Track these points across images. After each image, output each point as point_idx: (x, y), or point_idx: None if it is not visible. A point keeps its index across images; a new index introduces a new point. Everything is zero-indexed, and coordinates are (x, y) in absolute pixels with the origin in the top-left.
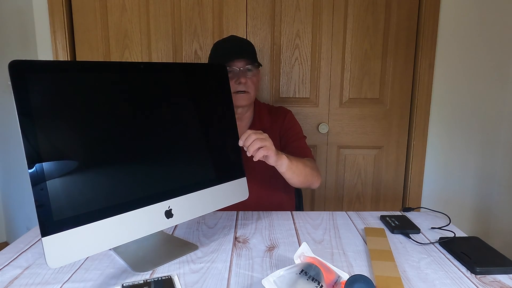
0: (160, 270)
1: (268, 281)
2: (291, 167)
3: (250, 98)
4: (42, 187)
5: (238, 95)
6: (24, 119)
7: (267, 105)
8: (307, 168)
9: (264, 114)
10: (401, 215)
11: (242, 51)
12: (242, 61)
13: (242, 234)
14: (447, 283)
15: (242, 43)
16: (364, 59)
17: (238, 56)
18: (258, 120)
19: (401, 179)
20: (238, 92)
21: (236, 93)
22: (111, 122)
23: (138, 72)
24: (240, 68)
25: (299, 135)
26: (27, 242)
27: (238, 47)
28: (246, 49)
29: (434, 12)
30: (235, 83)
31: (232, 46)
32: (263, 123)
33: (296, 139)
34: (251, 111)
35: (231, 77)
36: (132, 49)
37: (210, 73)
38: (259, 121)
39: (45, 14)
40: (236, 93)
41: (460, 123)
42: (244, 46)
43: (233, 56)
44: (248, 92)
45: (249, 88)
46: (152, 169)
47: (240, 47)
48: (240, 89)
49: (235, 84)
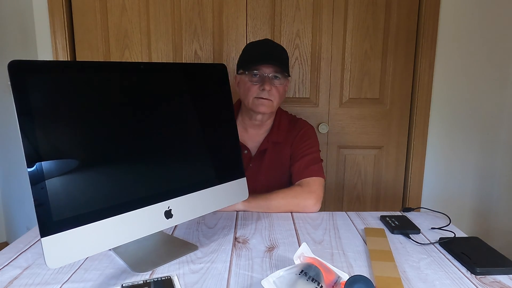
0: (159, 270)
1: (268, 282)
2: (250, 207)
3: (271, 107)
4: (42, 186)
5: (259, 101)
6: (24, 119)
7: (289, 115)
8: (282, 201)
9: (284, 125)
10: (401, 215)
11: (272, 57)
12: (270, 67)
13: (242, 234)
14: (447, 283)
15: (275, 48)
16: (364, 59)
17: (267, 62)
18: (276, 131)
19: (401, 179)
20: (260, 98)
21: (258, 99)
22: (111, 122)
23: (138, 72)
24: (267, 74)
25: (303, 153)
26: (27, 242)
27: (270, 52)
28: (278, 56)
29: (434, 12)
30: (259, 88)
31: (264, 50)
32: (279, 135)
33: (299, 159)
34: (272, 119)
35: (256, 82)
36: (132, 49)
37: (210, 73)
38: (277, 132)
39: (45, 14)
40: (257, 98)
41: (460, 123)
42: (276, 52)
43: (262, 61)
44: (270, 100)
45: (272, 97)
46: (152, 169)
47: (272, 52)
48: (263, 96)
49: (259, 90)
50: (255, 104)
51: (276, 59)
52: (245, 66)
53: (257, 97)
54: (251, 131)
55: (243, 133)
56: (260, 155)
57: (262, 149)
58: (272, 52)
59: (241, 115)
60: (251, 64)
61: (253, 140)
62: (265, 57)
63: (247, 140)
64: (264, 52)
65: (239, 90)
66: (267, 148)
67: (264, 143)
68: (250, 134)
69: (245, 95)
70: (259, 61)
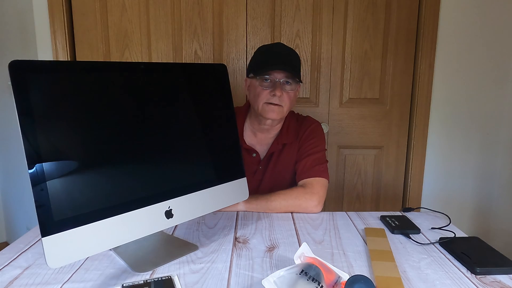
0: (160, 270)
1: (268, 282)
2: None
3: (282, 113)
4: (42, 187)
5: (269, 106)
6: (24, 119)
7: (295, 114)
8: (284, 202)
9: (292, 127)
10: (401, 215)
11: (285, 62)
12: (282, 72)
13: (242, 234)
14: (447, 283)
15: (288, 53)
16: (364, 59)
17: (279, 67)
18: (285, 134)
19: (401, 179)
20: (270, 103)
21: (268, 104)
22: (111, 122)
23: (138, 72)
24: (278, 80)
25: (308, 152)
26: (27, 242)
27: (282, 57)
28: (290, 61)
29: (434, 12)
30: (269, 93)
31: (276, 55)
32: (288, 137)
33: (303, 158)
34: (281, 124)
35: (267, 87)
36: (132, 49)
37: (210, 73)
38: (286, 135)
39: (45, 14)
40: (267, 104)
41: (460, 123)
42: (289, 57)
43: (274, 66)
44: (281, 106)
45: (283, 102)
46: (152, 169)
47: (284, 58)
48: (273, 102)
49: (269, 95)
50: (265, 110)
51: (288, 64)
52: (256, 71)
53: (267, 102)
54: (260, 135)
55: (252, 137)
56: (269, 158)
57: (272, 152)
58: (284, 58)
59: (249, 119)
60: (262, 69)
61: (261, 144)
62: (277, 62)
63: (255, 144)
64: (276, 57)
65: (249, 94)
66: (275, 151)
67: (274, 146)
68: (258, 138)
69: (255, 100)
70: (270, 66)
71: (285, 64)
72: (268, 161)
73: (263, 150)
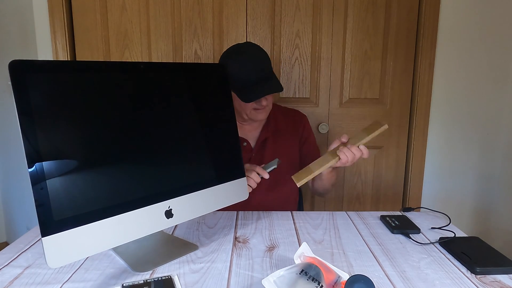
0: (160, 270)
1: (268, 281)
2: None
3: (269, 110)
4: (42, 186)
5: (257, 111)
6: (24, 118)
7: (279, 106)
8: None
9: (278, 115)
10: (401, 215)
11: (271, 85)
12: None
13: (242, 234)
14: (447, 283)
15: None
16: (364, 59)
17: (266, 92)
18: (273, 121)
19: (401, 179)
20: (257, 108)
21: (255, 109)
22: (111, 122)
23: (138, 72)
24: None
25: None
26: (27, 242)
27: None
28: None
29: (434, 12)
30: (256, 103)
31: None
32: (278, 124)
33: (315, 148)
34: None
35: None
36: (132, 49)
37: (210, 73)
38: (274, 122)
39: (45, 14)
40: (255, 110)
41: (460, 123)
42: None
43: (261, 93)
44: (267, 106)
45: (268, 103)
46: (152, 169)
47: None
48: (261, 107)
49: (255, 104)
50: (253, 114)
51: (274, 85)
52: (242, 97)
53: (254, 108)
54: (247, 127)
55: (239, 129)
56: (261, 146)
57: (262, 139)
58: (267, 77)
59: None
60: (251, 98)
61: (250, 133)
62: (262, 84)
63: (244, 134)
64: (259, 77)
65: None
66: (267, 137)
67: (263, 133)
68: (245, 129)
69: (241, 108)
70: (259, 93)
71: (271, 88)
72: (261, 148)
73: (253, 138)
